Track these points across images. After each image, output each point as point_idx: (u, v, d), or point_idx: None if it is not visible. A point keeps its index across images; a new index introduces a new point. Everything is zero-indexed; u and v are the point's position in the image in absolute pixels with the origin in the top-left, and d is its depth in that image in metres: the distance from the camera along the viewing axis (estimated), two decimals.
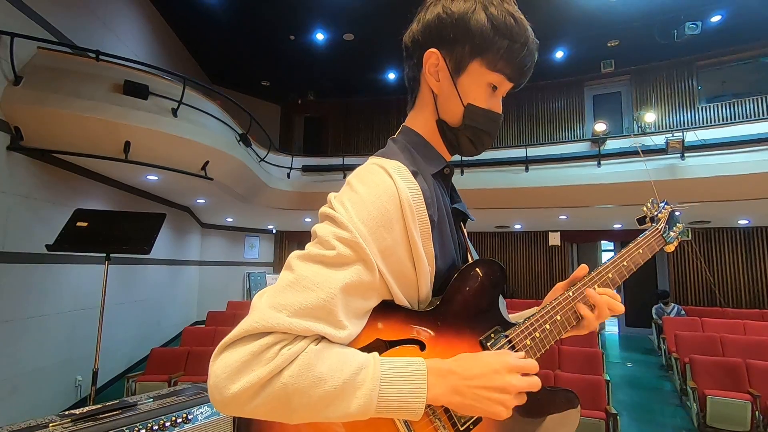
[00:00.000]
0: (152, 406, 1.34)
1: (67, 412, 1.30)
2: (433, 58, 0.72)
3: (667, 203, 1.01)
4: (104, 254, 3.02)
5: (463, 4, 0.70)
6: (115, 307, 5.56)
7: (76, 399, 4.73)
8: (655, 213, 0.99)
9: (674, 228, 0.98)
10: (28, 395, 4.03)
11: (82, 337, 4.77)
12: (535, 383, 0.60)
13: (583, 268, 0.78)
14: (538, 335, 0.70)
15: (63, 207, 4.42)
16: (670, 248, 0.97)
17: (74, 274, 4.71)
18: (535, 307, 0.87)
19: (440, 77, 0.73)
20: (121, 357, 5.88)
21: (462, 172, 7.16)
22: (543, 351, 0.70)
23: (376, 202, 0.60)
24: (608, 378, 3.85)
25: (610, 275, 0.80)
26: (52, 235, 3.14)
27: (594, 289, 0.76)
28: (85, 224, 3.05)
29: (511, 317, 0.80)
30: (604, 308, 0.73)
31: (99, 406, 1.33)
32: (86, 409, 1.30)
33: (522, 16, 0.71)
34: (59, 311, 4.47)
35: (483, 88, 0.72)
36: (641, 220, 1.01)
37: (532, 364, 0.61)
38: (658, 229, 0.95)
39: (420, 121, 0.77)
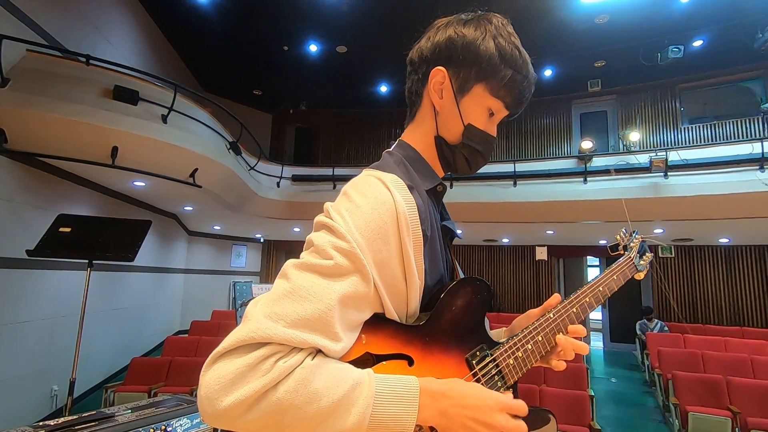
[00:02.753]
0: (130, 417, 1.31)
1: (41, 423, 1.26)
2: (439, 75, 0.74)
3: (638, 233, 1.06)
4: (86, 260, 2.97)
5: (474, 31, 0.73)
6: (96, 314, 5.43)
7: (51, 410, 4.58)
8: (628, 242, 1.04)
9: (644, 257, 1.03)
10: (1, 405, 3.89)
11: (59, 346, 4.65)
12: (522, 428, 0.59)
13: (556, 297, 0.81)
14: (520, 355, 0.71)
15: (46, 212, 4.34)
16: (640, 276, 1.01)
17: (54, 280, 4.61)
18: (504, 328, 0.90)
19: (444, 95, 0.75)
20: (100, 366, 5.73)
21: (451, 185, 7.21)
22: (524, 370, 0.72)
23: (374, 213, 0.60)
24: (592, 393, 3.87)
25: (587, 299, 0.84)
26: (34, 240, 3.07)
27: (573, 311, 0.79)
28: (68, 230, 2.99)
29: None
30: (569, 350, 0.74)
31: (75, 417, 1.30)
32: (62, 420, 1.27)
33: (525, 52, 0.75)
34: (37, 318, 4.35)
35: (483, 111, 0.75)
36: (613, 248, 1.05)
37: (522, 406, 0.60)
38: (630, 257, 0.99)
39: (417, 135, 0.79)
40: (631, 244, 1.03)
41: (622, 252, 1.02)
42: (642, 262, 1.01)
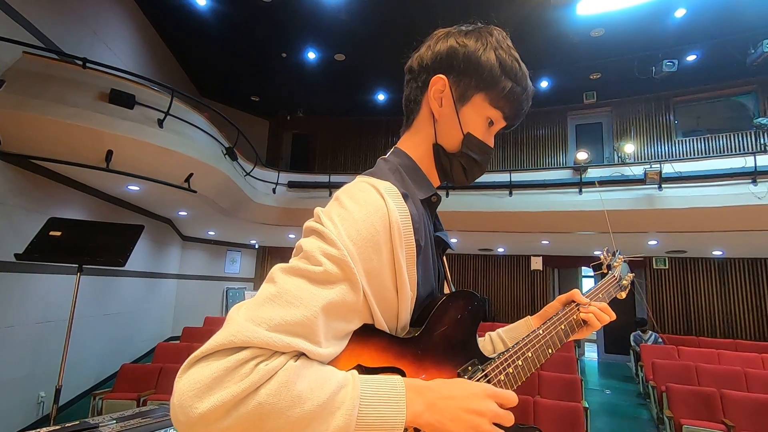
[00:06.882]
0: (115, 428, 1.27)
1: None
2: (439, 83, 0.74)
3: (620, 253, 1.08)
4: (76, 265, 2.93)
5: (476, 42, 0.74)
6: (86, 320, 5.36)
7: (37, 416, 4.49)
8: (610, 262, 1.06)
9: (626, 277, 1.04)
10: None
11: (48, 351, 4.57)
12: (509, 418, 0.58)
13: (557, 301, 0.88)
14: (511, 371, 0.71)
15: (38, 215, 4.29)
16: (623, 295, 1.03)
17: (44, 284, 4.54)
18: (500, 329, 0.93)
19: (443, 103, 0.75)
20: (89, 373, 5.63)
21: (447, 194, 7.22)
22: (516, 386, 0.71)
23: (367, 221, 0.58)
24: (587, 405, 3.84)
25: (574, 317, 0.86)
26: (24, 244, 3.02)
27: (561, 328, 0.83)
28: (58, 233, 2.95)
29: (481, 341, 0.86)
30: (594, 321, 0.86)
31: (58, 427, 1.26)
32: (44, 430, 1.23)
33: (524, 65, 0.77)
34: (25, 323, 4.28)
35: (482, 121, 0.76)
36: (596, 267, 1.07)
37: (511, 396, 0.60)
38: (614, 276, 1.01)
39: (414, 143, 0.78)
40: (614, 264, 1.04)
41: (605, 271, 1.03)
42: (624, 282, 1.02)
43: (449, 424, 0.55)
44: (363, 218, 0.59)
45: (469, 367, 0.67)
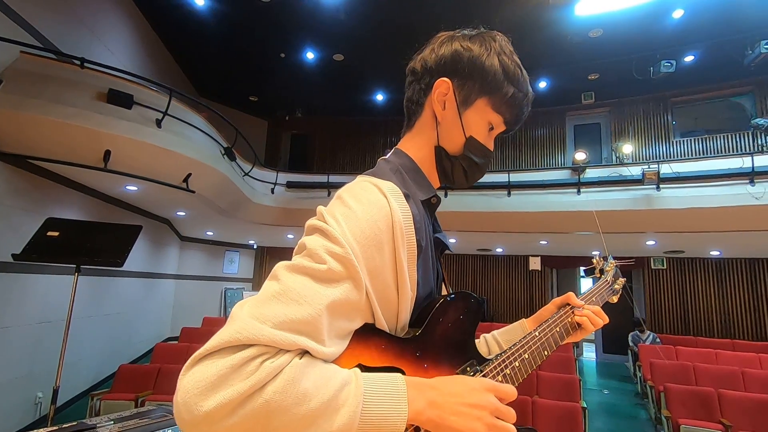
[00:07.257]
0: (113, 429, 1.27)
1: None
2: (443, 86, 0.75)
3: (613, 257, 1.09)
4: (74, 265, 2.92)
5: (480, 46, 0.75)
6: (84, 320, 5.34)
7: (35, 417, 4.48)
8: (603, 266, 1.06)
9: (618, 281, 1.05)
10: None
11: (46, 351, 4.56)
12: (510, 412, 0.58)
13: (552, 303, 0.89)
14: (508, 372, 0.71)
15: (36, 215, 4.28)
16: (614, 299, 1.04)
17: (42, 285, 4.53)
18: (495, 331, 0.94)
19: (447, 106, 0.76)
20: (87, 373, 5.62)
21: (446, 194, 7.22)
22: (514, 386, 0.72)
23: (370, 220, 0.59)
24: (585, 405, 3.84)
25: (569, 320, 0.87)
26: (22, 244, 3.01)
27: (556, 331, 0.84)
28: (56, 234, 2.94)
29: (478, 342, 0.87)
30: (588, 324, 0.87)
31: (55, 427, 1.26)
32: (41, 431, 1.23)
33: (525, 71, 0.78)
34: (23, 323, 4.27)
35: (484, 125, 0.77)
36: (589, 271, 1.08)
37: (510, 389, 0.60)
38: (607, 281, 1.02)
39: (415, 144, 0.79)
40: (606, 268, 1.05)
41: (598, 275, 1.04)
42: (616, 286, 1.03)
43: (450, 419, 0.55)
44: (366, 217, 0.59)
45: (468, 368, 0.68)
